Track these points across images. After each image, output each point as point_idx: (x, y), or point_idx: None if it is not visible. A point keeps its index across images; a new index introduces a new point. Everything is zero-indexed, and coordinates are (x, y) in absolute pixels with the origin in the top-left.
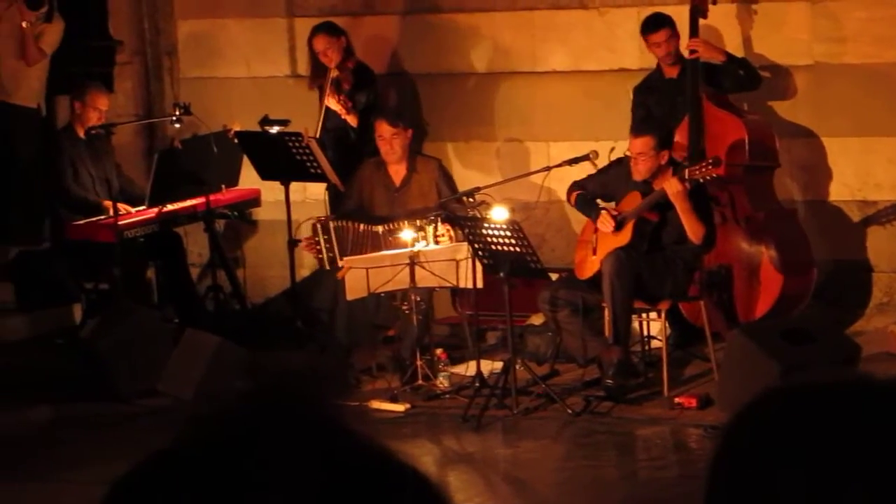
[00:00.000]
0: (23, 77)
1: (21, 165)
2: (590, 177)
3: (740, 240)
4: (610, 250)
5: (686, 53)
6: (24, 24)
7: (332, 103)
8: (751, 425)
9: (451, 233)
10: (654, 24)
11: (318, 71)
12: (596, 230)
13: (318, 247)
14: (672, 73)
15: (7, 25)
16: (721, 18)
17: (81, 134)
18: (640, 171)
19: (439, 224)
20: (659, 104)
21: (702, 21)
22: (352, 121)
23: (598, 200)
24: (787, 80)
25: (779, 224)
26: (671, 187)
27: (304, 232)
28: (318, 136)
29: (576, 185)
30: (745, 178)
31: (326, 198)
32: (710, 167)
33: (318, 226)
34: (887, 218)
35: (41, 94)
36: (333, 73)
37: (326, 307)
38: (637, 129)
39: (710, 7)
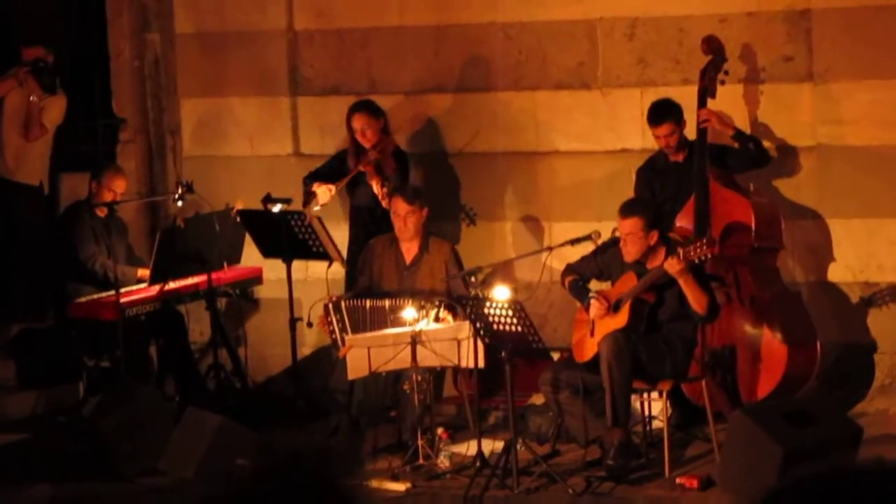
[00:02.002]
0: (26, 155)
1: (24, 243)
2: (584, 259)
3: (745, 320)
4: (607, 332)
5: (693, 134)
6: (32, 98)
7: (376, 188)
8: None
9: (451, 321)
10: (657, 118)
11: (358, 149)
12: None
13: (332, 327)
14: (677, 157)
15: (13, 102)
16: (726, 99)
17: (99, 212)
18: (629, 252)
19: (442, 310)
20: (664, 187)
21: (710, 101)
22: (386, 205)
23: (594, 281)
24: (790, 161)
25: (783, 305)
26: (672, 268)
27: (318, 311)
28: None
29: (570, 270)
30: (751, 259)
31: (344, 276)
32: (704, 247)
33: (330, 306)
34: (890, 300)
35: (44, 172)
36: (374, 155)
37: (342, 387)
38: (625, 211)
39: (718, 87)
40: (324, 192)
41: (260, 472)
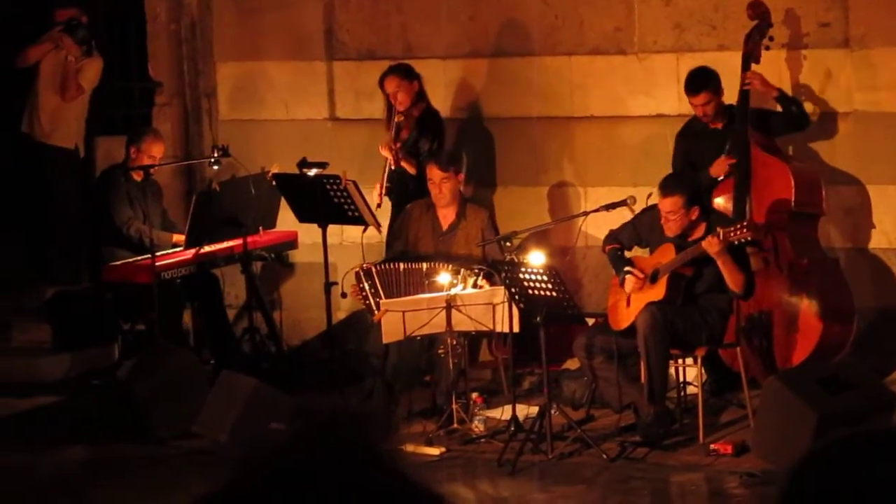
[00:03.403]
0: (61, 118)
1: (59, 206)
2: (624, 226)
3: (782, 286)
4: (644, 305)
5: (735, 98)
6: (69, 58)
7: (385, 152)
8: (816, 471)
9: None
10: (694, 88)
11: (392, 113)
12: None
13: (364, 293)
14: (717, 124)
15: (49, 65)
16: (765, 65)
17: (136, 176)
18: (671, 229)
19: (480, 278)
20: (703, 153)
21: (754, 66)
22: (410, 168)
23: (636, 248)
24: (826, 127)
25: (821, 272)
26: (711, 247)
27: (350, 281)
28: (384, 188)
29: (611, 237)
30: (790, 224)
31: (384, 239)
32: (744, 230)
33: (361, 273)
34: None
35: (80, 135)
36: (398, 118)
37: (377, 351)
38: (665, 189)
39: (763, 52)
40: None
41: (297, 435)
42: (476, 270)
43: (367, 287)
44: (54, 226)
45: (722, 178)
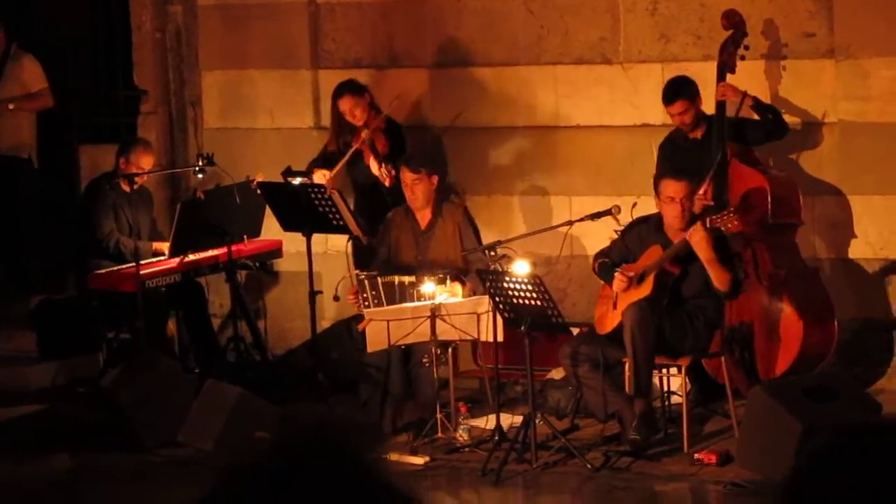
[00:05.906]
0: (7, 128)
1: (26, 216)
2: (612, 244)
3: (762, 297)
4: (631, 302)
5: (711, 109)
6: (10, 107)
7: (375, 169)
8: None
9: (459, 292)
10: (670, 96)
11: (342, 129)
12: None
13: (367, 302)
14: (696, 134)
15: None
16: (747, 75)
17: (124, 186)
18: (675, 217)
19: (448, 282)
20: (684, 163)
21: (729, 76)
22: (388, 183)
23: (624, 265)
24: (811, 137)
25: (800, 282)
26: (694, 235)
27: (347, 284)
28: (332, 187)
29: (600, 254)
30: (768, 235)
31: (349, 249)
32: (731, 215)
33: (366, 281)
34: None
35: (31, 146)
36: (365, 134)
37: (378, 362)
38: (677, 174)
39: (738, 62)
40: (320, 177)
41: (281, 443)
42: (440, 275)
43: (370, 297)
44: (27, 236)
45: (699, 212)
